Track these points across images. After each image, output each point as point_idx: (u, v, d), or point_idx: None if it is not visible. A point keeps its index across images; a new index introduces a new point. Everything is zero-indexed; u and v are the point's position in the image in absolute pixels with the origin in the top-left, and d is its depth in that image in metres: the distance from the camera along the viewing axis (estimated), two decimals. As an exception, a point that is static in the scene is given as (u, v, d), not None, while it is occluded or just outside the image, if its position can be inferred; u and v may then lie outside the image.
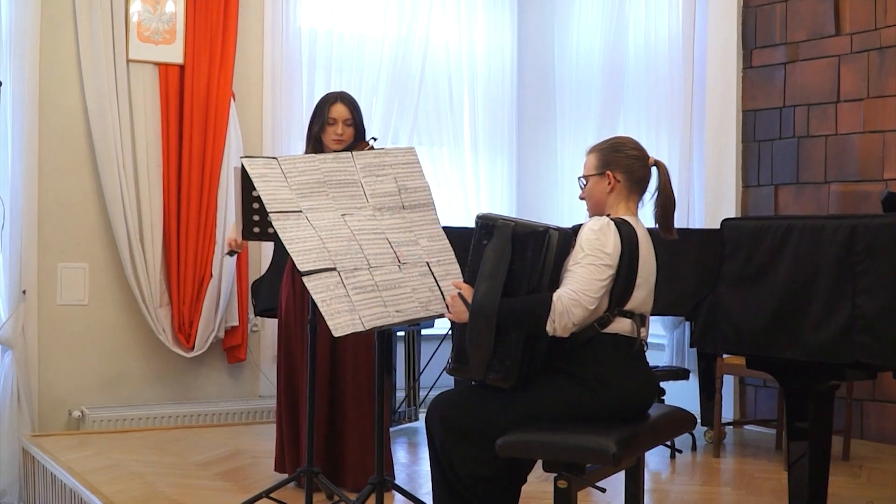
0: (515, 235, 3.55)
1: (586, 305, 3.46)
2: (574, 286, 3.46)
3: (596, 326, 3.53)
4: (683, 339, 6.78)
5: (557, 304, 3.44)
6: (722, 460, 5.83)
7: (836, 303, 3.68)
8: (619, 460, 3.33)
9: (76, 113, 6.56)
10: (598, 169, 3.72)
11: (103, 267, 6.66)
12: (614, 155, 3.72)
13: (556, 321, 3.44)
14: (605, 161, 3.72)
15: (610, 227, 3.54)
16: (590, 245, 3.50)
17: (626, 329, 3.59)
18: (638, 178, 3.73)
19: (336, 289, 3.71)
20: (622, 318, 3.58)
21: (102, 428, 6.44)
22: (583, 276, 3.47)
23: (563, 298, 3.44)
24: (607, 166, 3.71)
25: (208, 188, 6.72)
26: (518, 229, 3.56)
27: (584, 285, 3.46)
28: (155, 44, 6.63)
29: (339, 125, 4.88)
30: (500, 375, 3.54)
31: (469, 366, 3.57)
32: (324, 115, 4.89)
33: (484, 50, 7.87)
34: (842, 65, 6.19)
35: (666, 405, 3.96)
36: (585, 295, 3.45)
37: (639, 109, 7.30)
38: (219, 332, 6.84)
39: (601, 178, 3.71)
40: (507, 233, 3.55)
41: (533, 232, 3.55)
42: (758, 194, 6.60)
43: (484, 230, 3.62)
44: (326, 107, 4.91)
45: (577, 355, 3.56)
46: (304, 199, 3.88)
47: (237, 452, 5.88)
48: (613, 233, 3.53)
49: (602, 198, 3.72)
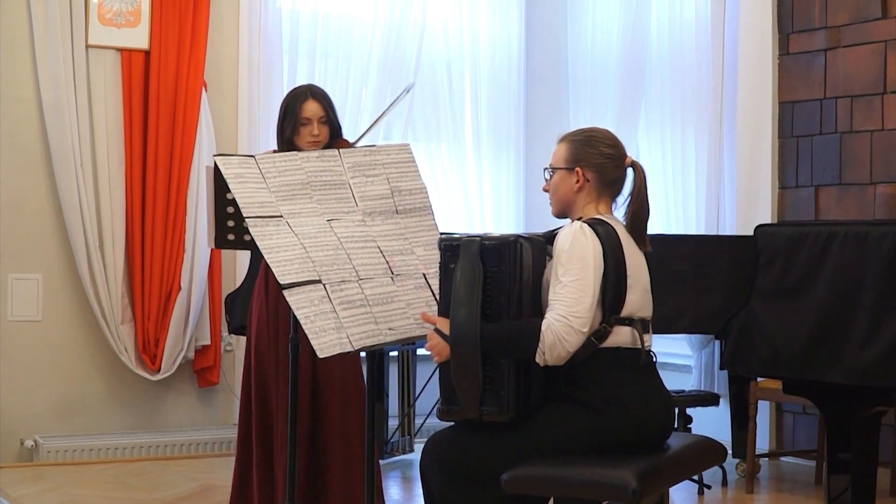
0: (484, 250, 3.57)
1: (579, 329, 3.47)
2: (562, 310, 3.47)
3: (594, 341, 3.55)
4: (712, 360, 6.79)
5: (547, 333, 3.46)
6: (756, 496, 5.84)
7: (882, 319, 3.70)
8: (639, 497, 3.34)
9: (28, 105, 6.57)
10: (568, 163, 3.72)
11: (59, 278, 6.66)
12: (586, 150, 3.72)
13: (546, 352, 3.47)
14: (576, 155, 3.72)
15: (585, 232, 3.55)
16: (566, 258, 3.52)
17: (627, 340, 3.60)
18: (611, 180, 3.74)
19: (321, 304, 3.72)
20: (620, 327, 3.59)
21: (58, 459, 6.45)
22: (569, 297, 3.48)
23: (552, 326, 3.46)
24: (577, 162, 3.71)
25: (176, 190, 6.72)
26: (486, 243, 3.58)
27: (572, 306, 3.47)
28: (117, 27, 6.65)
29: (314, 125, 4.86)
30: (495, 409, 3.55)
31: (461, 405, 3.58)
32: (296, 115, 4.88)
33: (488, 34, 7.88)
34: (889, 51, 6.21)
35: (693, 434, 3.98)
36: (576, 318, 3.47)
37: (662, 101, 7.32)
38: (188, 353, 6.84)
39: (569, 174, 3.72)
40: (474, 249, 3.57)
41: (502, 244, 3.57)
42: (796, 197, 6.61)
43: (448, 252, 3.63)
44: (297, 105, 4.90)
45: (577, 377, 3.57)
46: (285, 203, 3.90)
47: (208, 488, 5.88)
48: (590, 237, 3.54)
49: (568, 196, 3.73)
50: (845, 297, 3.81)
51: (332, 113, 4.94)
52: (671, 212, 7.18)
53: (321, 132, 4.86)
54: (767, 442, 6.66)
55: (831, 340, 3.82)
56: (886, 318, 3.69)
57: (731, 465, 6.12)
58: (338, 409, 4.85)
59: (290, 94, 5.03)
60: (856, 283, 3.79)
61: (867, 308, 3.74)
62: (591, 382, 3.56)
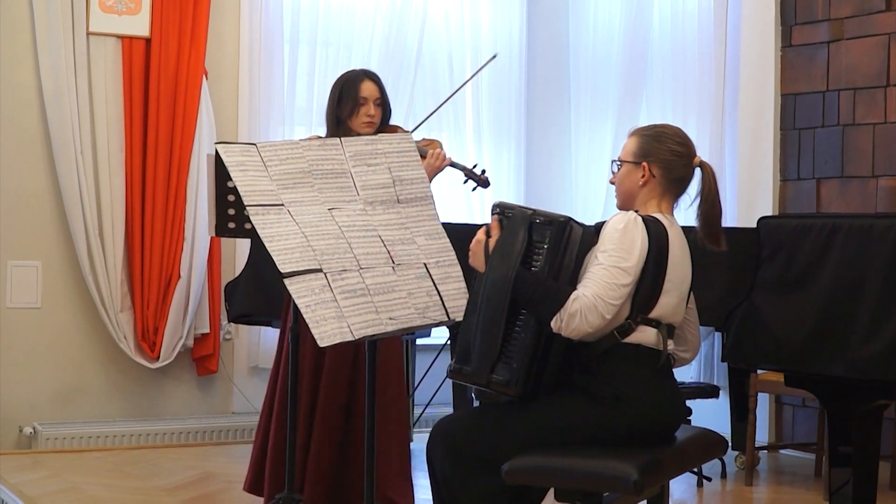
0: (532, 223, 3.57)
1: (603, 313, 3.45)
2: (594, 289, 3.45)
3: (616, 335, 3.53)
4: (713, 352, 6.78)
5: (574, 304, 3.43)
6: (755, 489, 5.83)
7: (885, 313, 3.69)
8: (640, 489, 3.33)
9: (29, 92, 6.56)
10: (636, 157, 3.71)
11: (58, 266, 6.65)
12: (655, 145, 3.70)
13: (563, 320, 3.44)
14: (644, 150, 3.71)
15: (637, 224, 3.53)
16: (613, 243, 3.50)
17: (651, 340, 3.58)
18: (677, 177, 3.71)
19: (322, 293, 3.70)
20: (646, 327, 3.56)
21: (57, 447, 6.44)
22: (603, 279, 3.46)
23: (580, 299, 3.44)
24: (645, 156, 3.69)
25: (177, 178, 6.71)
26: (535, 217, 3.58)
27: (603, 290, 3.45)
28: (118, 14, 6.63)
29: (370, 105, 4.88)
30: (504, 379, 3.54)
31: (472, 367, 3.57)
32: (354, 95, 4.88)
33: (489, 24, 7.86)
34: (892, 44, 6.19)
35: (693, 427, 3.96)
36: (603, 301, 3.45)
37: (664, 93, 7.31)
38: (187, 341, 6.83)
39: (635, 168, 3.70)
40: (525, 217, 3.58)
41: (553, 222, 3.56)
42: (798, 189, 6.60)
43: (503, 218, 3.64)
44: (355, 85, 4.91)
45: (593, 368, 3.56)
46: (287, 191, 3.88)
47: (207, 476, 5.88)
48: (641, 230, 3.52)
49: (633, 190, 3.72)
50: (848, 290, 3.80)
51: (385, 96, 4.97)
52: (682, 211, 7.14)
53: (377, 113, 4.89)
54: (767, 434, 6.66)
55: (834, 333, 3.81)
56: (890, 311, 3.67)
57: (730, 458, 6.11)
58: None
59: (342, 77, 5.02)
60: (859, 276, 3.77)
61: (870, 301, 3.73)
62: (604, 375, 3.54)
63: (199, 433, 6.79)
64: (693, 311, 3.84)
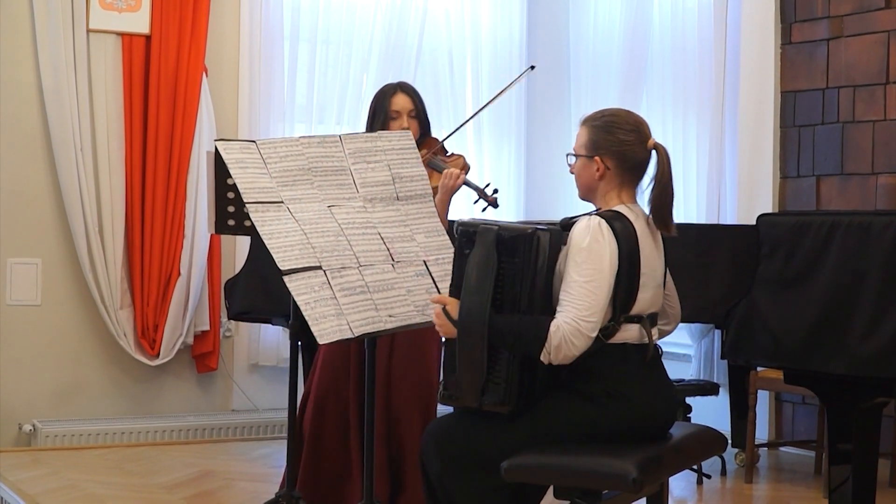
0: (500, 240, 3.52)
1: (587, 333, 3.43)
2: (573, 313, 3.42)
3: (601, 338, 3.50)
4: (713, 349, 6.78)
5: (555, 335, 3.40)
6: (755, 486, 5.83)
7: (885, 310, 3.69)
8: (640, 486, 3.33)
9: (29, 89, 6.55)
10: (588, 150, 3.67)
11: (58, 263, 6.65)
12: (605, 137, 3.65)
13: (552, 353, 3.42)
14: (595, 143, 3.66)
15: (602, 232, 3.48)
16: (584, 258, 3.46)
17: (635, 336, 3.57)
18: (633, 165, 3.66)
19: (321, 290, 3.70)
20: (629, 325, 3.56)
21: (56, 444, 6.44)
22: (581, 300, 3.43)
23: (561, 328, 3.41)
24: (597, 150, 3.65)
25: (176, 175, 6.71)
26: (502, 233, 3.52)
27: (584, 311, 3.42)
28: (118, 11, 6.63)
29: (404, 118, 4.81)
30: (496, 399, 3.52)
31: (462, 392, 3.55)
32: (385, 109, 4.82)
33: (489, 21, 7.86)
34: (892, 41, 6.19)
35: (692, 424, 3.96)
36: (586, 321, 3.42)
37: (664, 90, 7.30)
38: (187, 338, 6.83)
39: (589, 162, 3.66)
40: (490, 238, 3.52)
41: (520, 235, 3.51)
42: (797, 186, 6.60)
43: (464, 238, 3.58)
44: (386, 99, 4.85)
45: (581, 370, 3.54)
46: (286, 189, 3.88)
47: (207, 473, 5.88)
48: (607, 236, 3.48)
49: (591, 183, 3.69)
50: (848, 287, 3.80)
51: (421, 107, 4.89)
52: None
53: (411, 126, 4.79)
54: (767, 432, 6.65)
55: (833, 331, 3.81)
56: (889, 308, 3.67)
57: (730, 455, 6.11)
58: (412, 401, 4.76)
59: (378, 91, 4.96)
60: (858, 273, 3.77)
61: (870, 299, 3.73)
62: (594, 376, 3.54)
63: (199, 430, 6.79)
64: (669, 283, 3.82)
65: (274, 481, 5.48)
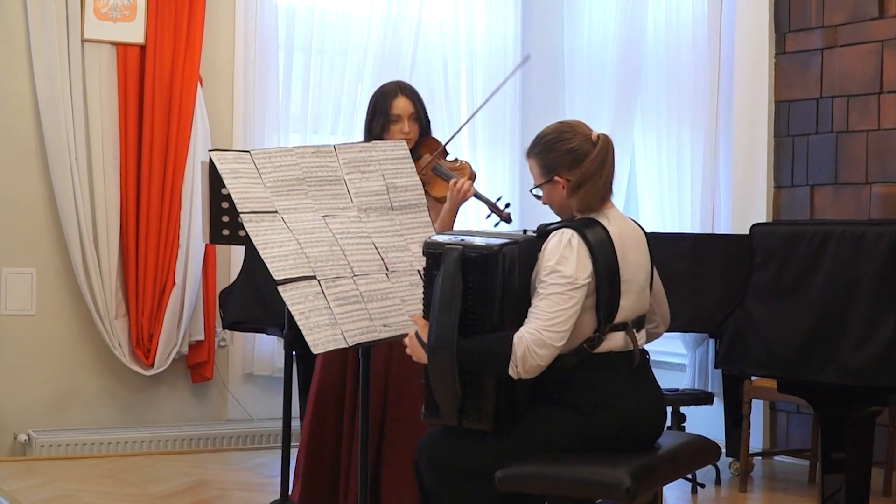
0: (465, 260, 3.47)
1: (553, 343, 3.41)
2: (536, 324, 3.41)
3: (585, 348, 3.51)
4: (707, 358, 6.78)
5: (518, 345, 3.39)
6: (749, 495, 5.84)
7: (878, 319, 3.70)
8: (633, 495, 3.33)
9: (24, 98, 6.56)
10: (544, 176, 3.68)
11: (53, 273, 6.65)
12: (551, 156, 3.67)
13: (518, 365, 3.40)
14: (546, 166, 3.68)
15: (572, 246, 3.47)
16: (549, 273, 3.45)
17: (620, 344, 3.56)
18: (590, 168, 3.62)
19: (316, 300, 3.71)
20: (613, 334, 3.55)
21: (51, 454, 6.44)
22: (545, 311, 3.42)
23: (524, 339, 3.40)
24: (551, 171, 3.66)
25: (171, 185, 6.72)
26: (467, 253, 3.47)
27: (547, 321, 3.41)
28: (113, 21, 6.63)
29: (405, 122, 4.77)
30: (475, 419, 3.51)
31: (441, 412, 3.54)
32: (386, 113, 4.77)
33: (484, 30, 7.87)
34: (886, 51, 6.21)
35: (686, 433, 3.97)
36: (549, 332, 3.40)
37: (658, 99, 7.31)
38: (182, 348, 6.83)
39: (553, 186, 3.67)
40: (455, 258, 3.47)
41: (485, 255, 3.46)
42: (791, 196, 6.61)
43: (431, 259, 3.54)
44: (387, 102, 4.79)
45: (567, 382, 3.54)
46: (281, 199, 3.89)
47: (202, 483, 5.88)
48: (577, 249, 3.46)
49: (563, 203, 3.68)
50: (841, 296, 3.81)
51: (421, 108, 4.85)
52: (666, 210, 7.17)
53: (412, 129, 4.76)
54: (761, 441, 6.66)
55: (827, 340, 3.82)
56: (882, 318, 3.68)
57: (724, 464, 6.11)
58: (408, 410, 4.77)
59: (378, 91, 4.89)
60: (851, 282, 3.79)
61: (863, 308, 3.74)
62: (581, 387, 3.53)
63: (194, 440, 6.79)
64: (657, 285, 3.81)
65: (269, 490, 5.50)
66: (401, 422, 4.67)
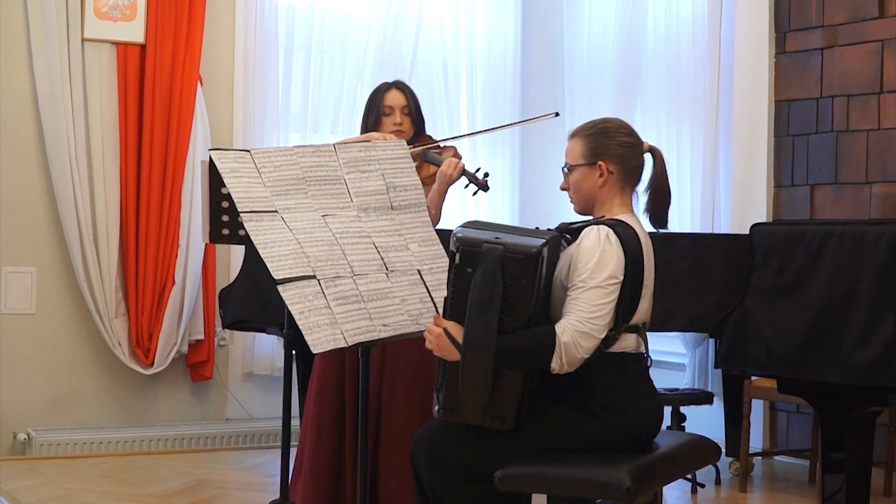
0: (505, 262, 3.42)
1: (596, 335, 3.43)
2: (579, 315, 3.42)
3: (601, 346, 3.50)
4: (707, 358, 6.78)
5: (563, 337, 3.40)
6: (749, 495, 5.83)
7: (878, 319, 3.70)
8: (633, 496, 3.33)
9: (24, 98, 6.55)
10: (588, 158, 3.64)
11: (52, 272, 6.64)
12: (605, 142, 3.64)
13: (563, 357, 3.40)
14: (595, 149, 3.64)
15: (611, 242, 3.48)
16: (594, 269, 3.45)
17: (632, 345, 3.57)
18: (632, 168, 3.67)
19: (315, 299, 3.70)
20: (627, 335, 3.56)
21: (51, 453, 6.43)
22: (588, 303, 3.43)
23: (568, 331, 3.41)
24: (598, 155, 3.63)
25: (171, 184, 6.71)
26: (507, 254, 3.42)
27: (591, 313, 3.42)
28: (113, 21, 6.63)
29: (396, 114, 4.95)
30: (498, 421, 3.50)
31: (464, 413, 3.51)
32: (378, 105, 4.96)
33: (484, 30, 7.87)
34: (886, 51, 6.20)
35: (686, 433, 3.97)
36: (593, 323, 3.42)
37: (658, 98, 7.31)
38: (182, 347, 6.83)
39: (591, 170, 3.64)
40: (495, 258, 3.42)
41: (526, 256, 3.41)
42: (791, 195, 6.61)
43: (466, 256, 3.47)
44: (380, 95, 5.00)
45: (582, 380, 3.54)
46: (280, 198, 3.88)
47: (201, 482, 5.87)
48: (615, 247, 3.47)
49: (593, 191, 3.66)
50: (841, 296, 3.81)
51: (415, 105, 5.00)
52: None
53: (404, 122, 4.93)
54: (761, 441, 6.66)
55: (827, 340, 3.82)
56: (882, 317, 3.68)
57: (724, 464, 6.11)
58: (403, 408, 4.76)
59: (374, 89, 5.11)
60: (852, 282, 3.78)
61: (863, 308, 3.74)
62: (591, 386, 3.53)
63: (194, 439, 6.79)
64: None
65: (268, 490, 5.49)
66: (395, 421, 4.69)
